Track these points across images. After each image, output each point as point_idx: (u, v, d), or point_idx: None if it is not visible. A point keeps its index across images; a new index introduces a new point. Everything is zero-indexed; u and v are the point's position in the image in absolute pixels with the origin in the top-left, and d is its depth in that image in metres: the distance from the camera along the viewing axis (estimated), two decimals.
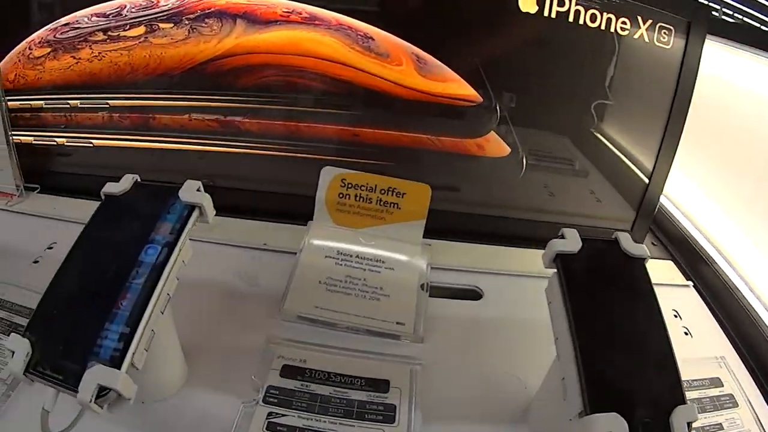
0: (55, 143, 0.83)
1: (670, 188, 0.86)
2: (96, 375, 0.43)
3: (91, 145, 0.83)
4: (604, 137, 0.81)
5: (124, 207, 0.54)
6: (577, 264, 0.54)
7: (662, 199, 0.87)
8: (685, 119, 0.78)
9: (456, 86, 0.75)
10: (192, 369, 0.60)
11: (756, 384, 0.66)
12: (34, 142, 0.84)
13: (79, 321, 0.46)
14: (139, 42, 0.77)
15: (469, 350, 0.66)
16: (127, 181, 0.55)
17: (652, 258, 0.55)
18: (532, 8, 0.73)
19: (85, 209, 0.52)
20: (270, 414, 0.56)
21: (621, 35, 0.75)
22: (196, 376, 0.60)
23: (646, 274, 0.54)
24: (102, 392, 0.43)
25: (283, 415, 0.56)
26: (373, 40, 0.74)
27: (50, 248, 0.74)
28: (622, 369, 0.47)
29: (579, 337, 0.49)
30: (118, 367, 0.43)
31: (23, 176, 0.82)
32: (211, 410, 0.57)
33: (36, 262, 0.72)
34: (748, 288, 0.76)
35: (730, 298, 0.76)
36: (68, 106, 0.81)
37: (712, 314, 0.75)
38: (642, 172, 0.82)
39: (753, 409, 0.64)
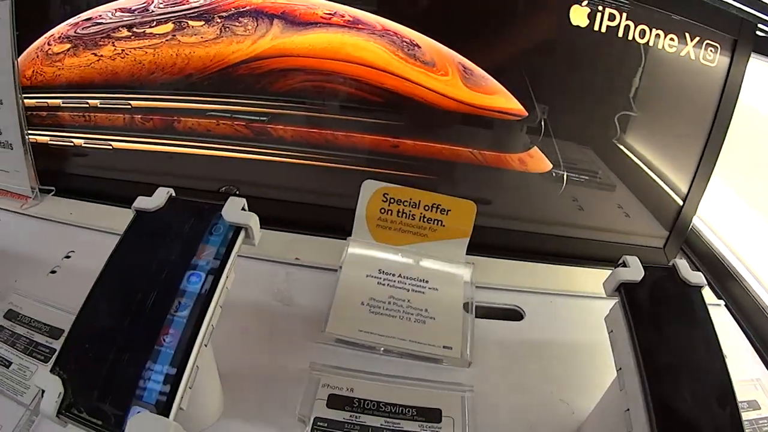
0: (72, 144, 0.83)
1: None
2: (142, 423, 0.41)
3: (110, 147, 0.83)
4: (640, 154, 0.85)
5: (159, 225, 0.52)
6: (640, 293, 0.57)
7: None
8: (724, 139, 0.82)
9: (502, 99, 0.78)
10: (229, 397, 0.60)
11: None
12: (50, 142, 0.83)
13: (117, 356, 0.45)
14: (167, 40, 0.77)
15: (515, 374, 0.69)
16: (161, 196, 0.53)
17: None
18: (583, 22, 0.75)
19: (103, 215, 0.51)
20: None
21: (668, 52, 0.78)
22: (234, 406, 0.60)
23: (704, 302, 0.58)
24: None
25: None
26: (419, 47, 0.76)
27: (68, 257, 0.74)
28: (687, 402, 0.51)
29: (647, 371, 0.53)
30: (167, 414, 0.42)
31: (38, 178, 0.82)
32: None
33: (53, 272, 0.72)
34: None
35: (763, 318, 0.79)
36: (87, 105, 0.81)
37: (744, 334, 0.79)
38: (676, 191, 0.86)
39: None
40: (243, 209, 0.52)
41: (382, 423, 0.60)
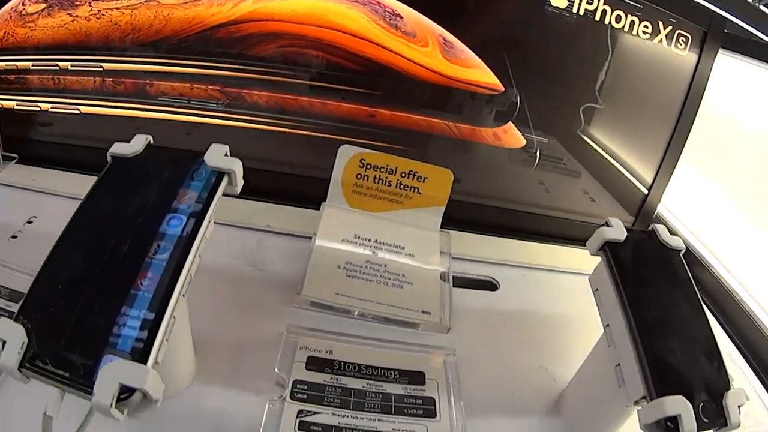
0: (38, 109, 0.76)
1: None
2: (116, 372, 0.36)
3: (77, 112, 0.76)
4: (605, 145, 0.84)
5: (136, 171, 0.47)
6: (624, 252, 0.56)
7: None
8: (689, 130, 0.81)
9: (479, 73, 0.75)
10: (201, 363, 0.55)
11: (758, 379, 0.69)
12: (16, 107, 0.76)
13: (88, 304, 0.39)
14: (145, 1, 0.71)
15: (494, 341, 0.66)
16: (139, 142, 0.48)
17: None
18: (562, 3, 0.74)
19: (67, 181, 0.46)
20: (301, 411, 0.52)
21: (640, 39, 0.77)
22: (206, 372, 0.54)
23: (684, 264, 0.57)
24: (122, 394, 0.36)
25: (316, 413, 0.52)
26: (401, 18, 0.73)
27: (30, 222, 0.67)
28: (677, 355, 0.49)
29: (637, 324, 0.50)
30: (144, 362, 0.37)
31: (2, 145, 0.75)
32: (229, 408, 0.52)
33: (14, 237, 0.65)
34: (744, 289, 0.79)
35: (728, 298, 0.79)
36: (57, 68, 0.74)
37: (712, 314, 0.78)
38: (641, 180, 0.85)
39: (763, 403, 0.67)
40: (226, 155, 0.48)
41: (364, 385, 0.56)
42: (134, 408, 0.37)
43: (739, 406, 0.47)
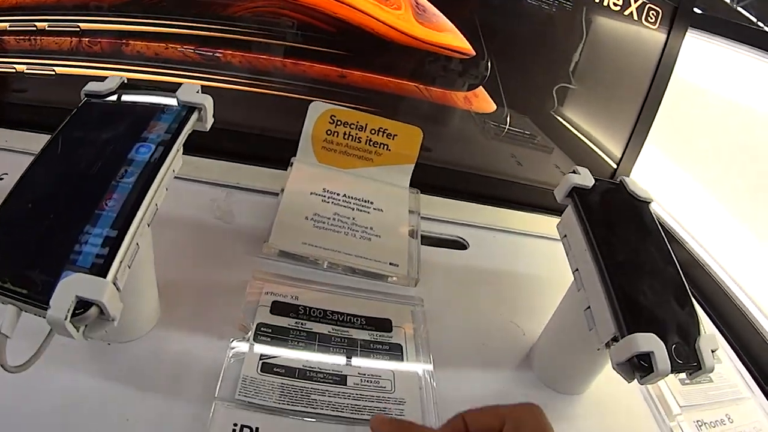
0: (14, 70, 0.70)
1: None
2: (73, 285, 0.33)
3: (53, 73, 0.70)
4: (577, 124, 0.80)
5: (109, 108, 0.44)
6: (592, 198, 0.52)
7: None
8: (658, 107, 0.78)
9: (451, 37, 0.71)
10: (165, 308, 0.50)
11: (730, 346, 0.66)
12: None
13: (52, 224, 0.36)
14: None
15: (463, 296, 0.62)
16: (113, 81, 0.46)
17: None
18: None
19: (41, 141, 0.41)
20: (264, 355, 0.48)
21: (611, 11, 0.74)
22: (170, 316, 0.50)
23: (653, 214, 0.53)
24: (78, 311, 0.33)
25: (279, 356, 0.48)
26: None
27: (0, 179, 0.61)
28: (648, 297, 0.45)
29: (606, 266, 0.46)
30: (104, 276, 0.34)
31: None
32: (192, 351, 0.48)
33: None
34: (713, 259, 0.77)
35: (700, 270, 0.75)
36: (35, 28, 0.68)
37: None
38: (610, 156, 0.81)
39: (735, 366, 0.64)
40: (198, 92, 0.45)
41: (329, 330, 0.52)
42: (91, 326, 0.34)
43: (712, 351, 0.43)
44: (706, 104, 0.87)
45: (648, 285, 0.46)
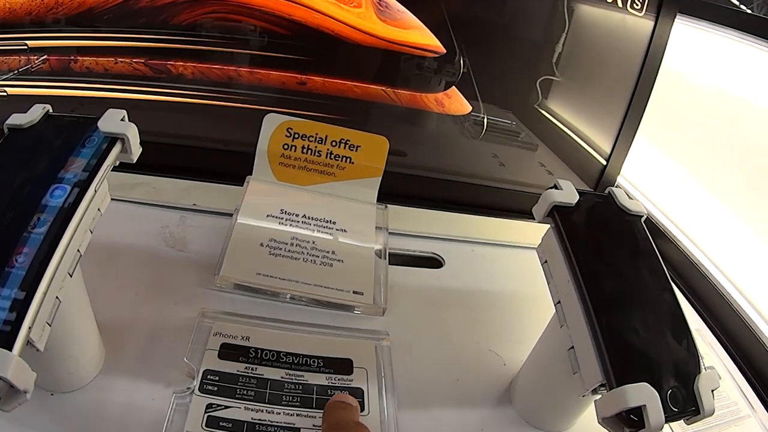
0: None
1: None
2: None
3: (5, 94, 0.62)
4: (563, 118, 0.71)
5: (29, 142, 0.38)
6: (576, 218, 0.43)
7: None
8: (648, 98, 0.69)
9: (418, 34, 0.61)
10: (110, 351, 0.44)
11: (729, 356, 0.58)
12: None
13: None
14: None
15: (436, 323, 0.53)
16: (35, 112, 0.40)
17: None
18: None
19: None
20: (210, 406, 0.40)
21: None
22: (114, 361, 0.43)
23: (646, 231, 0.44)
24: None
25: (226, 407, 0.41)
26: None
27: None
28: (640, 334, 0.37)
29: (592, 300, 0.38)
30: (9, 348, 0.29)
31: None
32: (136, 401, 0.41)
33: None
34: (709, 260, 0.68)
35: (694, 270, 0.66)
36: None
37: (678, 289, 0.66)
38: (599, 152, 0.72)
39: (735, 380, 0.56)
40: (122, 120, 0.39)
41: (283, 375, 0.44)
42: (5, 399, 0.30)
43: (712, 391, 0.35)
44: (698, 94, 0.77)
45: (640, 319, 0.37)
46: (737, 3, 0.81)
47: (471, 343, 0.51)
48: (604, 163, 0.72)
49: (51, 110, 0.41)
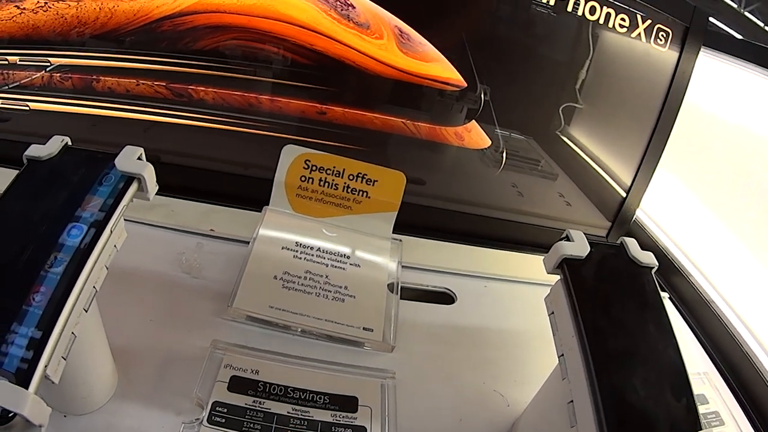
0: None
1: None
2: None
3: (27, 108, 0.66)
4: (584, 146, 0.73)
5: (48, 175, 0.41)
6: (585, 271, 0.45)
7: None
8: (670, 131, 0.71)
9: (439, 68, 0.64)
10: (123, 377, 0.47)
11: (737, 400, 0.59)
12: None
13: None
14: None
15: (443, 361, 0.56)
16: (55, 144, 0.42)
17: None
18: None
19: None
20: None
21: (618, 33, 0.66)
22: (127, 386, 0.47)
23: (655, 283, 0.46)
24: (6, 413, 0.31)
25: None
26: (354, 8, 0.62)
27: None
28: (639, 392, 0.39)
29: (594, 357, 0.40)
30: (26, 386, 0.32)
31: None
32: (146, 428, 0.44)
33: None
34: (723, 300, 0.69)
35: (708, 311, 0.68)
36: (6, 62, 0.65)
37: (689, 328, 0.68)
38: (619, 183, 0.74)
39: (739, 427, 0.57)
40: (139, 158, 0.41)
41: (289, 410, 0.47)
42: (20, 430, 0.32)
43: None
44: (721, 128, 0.78)
45: (641, 377, 0.40)
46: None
47: (477, 383, 0.54)
48: (624, 195, 0.75)
49: (69, 142, 0.43)
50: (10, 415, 0.31)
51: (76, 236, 0.37)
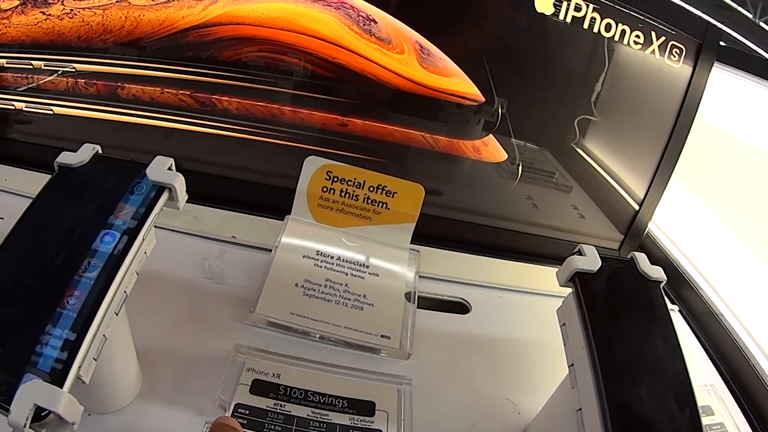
0: (12, 108, 0.71)
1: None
2: (32, 392, 0.33)
3: (51, 112, 0.71)
4: (598, 158, 0.77)
5: (79, 182, 0.43)
6: (596, 284, 0.49)
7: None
8: (683, 145, 0.74)
9: (459, 82, 0.68)
10: (147, 378, 0.50)
11: (742, 412, 0.63)
12: None
13: (13, 319, 0.37)
14: (117, 1, 0.66)
15: (457, 369, 0.59)
16: (86, 152, 0.44)
17: None
18: (548, 9, 0.67)
19: (39, 182, 0.41)
20: None
21: (632, 50, 0.70)
22: (151, 387, 0.50)
23: (663, 297, 0.50)
24: (40, 411, 0.33)
25: None
26: (376, 23, 0.66)
27: None
28: (645, 402, 0.42)
29: (602, 367, 0.44)
30: (60, 385, 0.34)
31: None
32: (169, 428, 0.47)
33: None
34: (732, 314, 0.72)
35: (716, 324, 0.71)
36: (31, 67, 0.69)
37: (698, 340, 0.71)
38: (632, 196, 0.78)
39: None
40: (170, 169, 0.44)
41: (309, 413, 0.50)
42: (52, 429, 0.34)
43: None
44: (735, 143, 0.81)
45: (647, 388, 0.43)
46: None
47: (489, 391, 0.57)
48: (637, 208, 0.78)
49: (100, 151, 0.45)
50: (44, 413, 0.33)
51: (109, 243, 0.40)
